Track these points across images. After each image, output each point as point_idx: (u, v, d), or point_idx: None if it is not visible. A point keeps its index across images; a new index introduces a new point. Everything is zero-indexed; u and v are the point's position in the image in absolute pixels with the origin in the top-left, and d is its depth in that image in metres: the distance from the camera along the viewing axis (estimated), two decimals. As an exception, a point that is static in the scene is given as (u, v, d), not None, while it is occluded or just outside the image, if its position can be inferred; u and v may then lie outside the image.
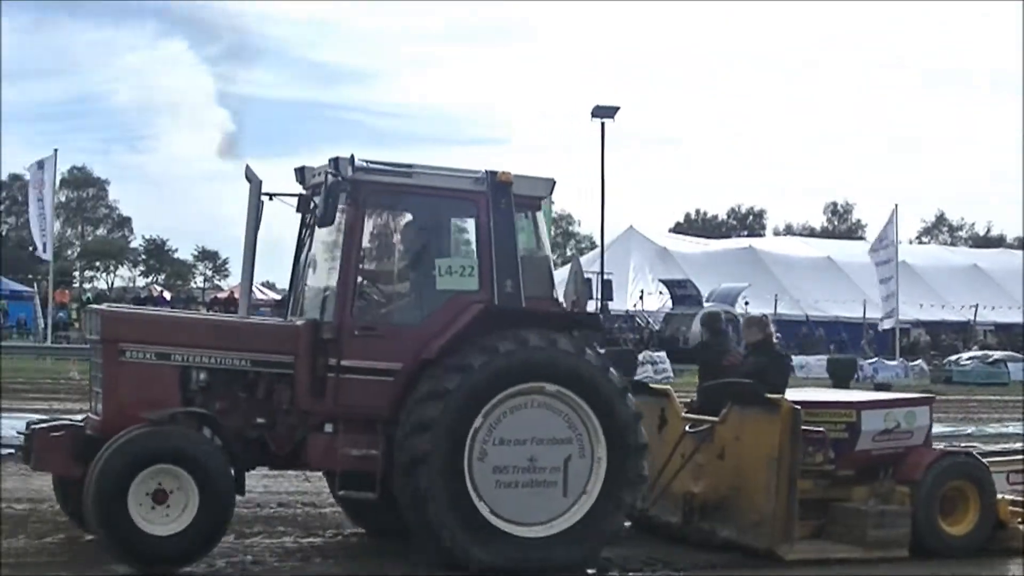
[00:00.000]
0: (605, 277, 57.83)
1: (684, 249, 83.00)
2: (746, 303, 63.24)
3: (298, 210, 12.77)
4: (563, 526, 11.83)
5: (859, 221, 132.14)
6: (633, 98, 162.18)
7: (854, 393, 15.74)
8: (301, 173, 12.64)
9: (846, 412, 13.65)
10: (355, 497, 12.27)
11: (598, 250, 67.92)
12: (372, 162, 12.03)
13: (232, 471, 11.33)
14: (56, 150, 48.16)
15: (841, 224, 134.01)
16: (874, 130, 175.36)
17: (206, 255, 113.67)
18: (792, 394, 14.02)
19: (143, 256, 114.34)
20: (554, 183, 12.68)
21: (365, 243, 12.17)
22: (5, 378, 30.30)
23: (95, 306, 13.06)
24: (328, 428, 11.83)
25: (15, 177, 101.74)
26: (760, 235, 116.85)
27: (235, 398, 11.94)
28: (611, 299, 59.62)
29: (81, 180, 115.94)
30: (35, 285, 64.57)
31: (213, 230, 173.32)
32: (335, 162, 11.81)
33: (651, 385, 15.18)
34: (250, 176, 12.40)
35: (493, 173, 12.17)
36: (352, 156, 11.85)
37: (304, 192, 12.68)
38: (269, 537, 13.18)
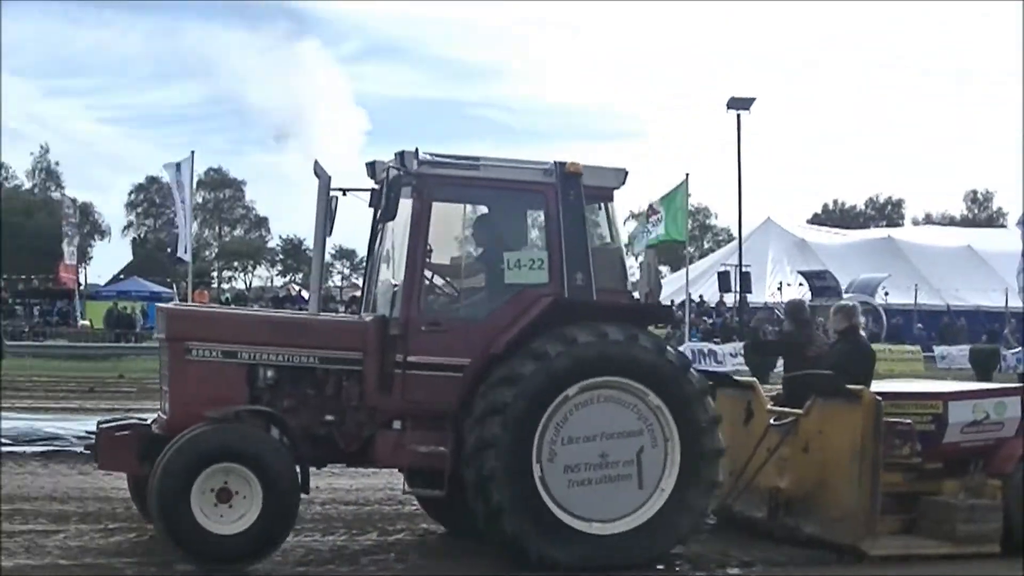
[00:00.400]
0: (743, 270, 57.36)
1: (822, 240, 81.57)
2: (886, 293, 62.31)
3: (370, 205, 12.72)
4: (639, 521, 11.64)
5: (1000, 209, 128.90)
6: (769, 89, 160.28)
7: (942, 383, 15.24)
8: (372, 168, 12.56)
9: (932, 403, 13.21)
10: (423, 495, 12.18)
11: (735, 243, 67.58)
12: (438, 155, 11.94)
13: (296, 469, 11.29)
14: (193, 152, 48.60)
15: (981, 212, 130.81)
16: (1014, 117, 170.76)
17: (343, 253, 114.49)
18: (878, 385, 13.65)
19: (280, 256, 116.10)
20: (626, 173, 12.42)
21: (432, 237, 12.04)
22: (146, 378, 30.63)
23: (162, 305, 13.16)
24: (396, 425, 11.76)
25: (152, 180, 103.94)
26: (899, 225, 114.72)
27: (303, 395, 11.88)
28: (750, 291, 59.28)
29: (218, 181, 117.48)
30: (174, 287, 65.70)
31: (350, 229, 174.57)
32: (400, 156, 11.77)
33: (736, 378, 14.83)
34: (319, 172, 12.36)
35: (562, 164, 12.00)
36: (416, 150, 11.77)
37: (375, 187, 12.60)
38: (341, 535, 13.13)
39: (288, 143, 12.60)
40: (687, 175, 43.45)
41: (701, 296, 67.14)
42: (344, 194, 12.56)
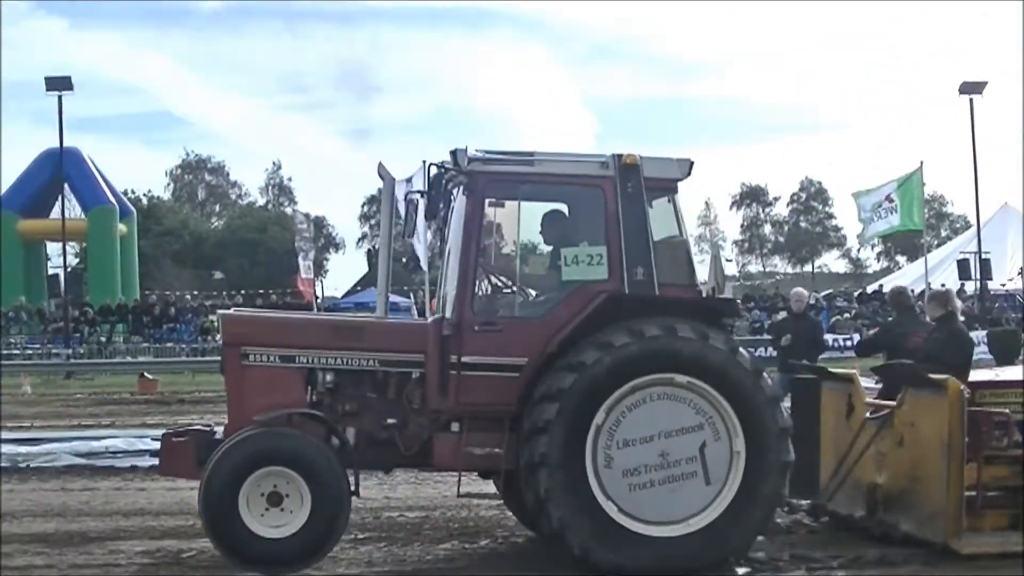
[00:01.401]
0: (983, 256, 55.45)
1: (1062, 223, 78.10)
2: None
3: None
4: (708, 520, 11.21)
5: None
6: (1002, 71, 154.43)
7: None
8: (456, 156, 12.11)
9: (1030, 390, 12.45)
10: (478, 499, 12.04)
11: (973, 230, 65.28)
12: (491, 152, 11.78)
13: (345, 474, 11.25)
14: (424, 162, 49.32)
15: None
16: None
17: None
18: (977, 374, 12.95)
19: None
20: (691, 164, 11.99)
21: (488, 235, 11.92)
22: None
23: (222, 311, 13.36)
24: (455, 427, 11.60)
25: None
26: None
27: (364, 399, 11.84)
28: (990, 278, 57.60)
29: None
30: (412, 296, 66.69)
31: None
32: (454, 154, 11.66)
33: (833, 370, 14.22)
34: (383, 174, 12.31)
35: (619, 156, 11.68)
36: (466, 148, 11.64)
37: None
38: (417, 543, 13.02)
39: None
40: (921, 163, 42.20)
41: (943, 284, 64.98)
42: (444, 170, 12.05)
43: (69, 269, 62.82)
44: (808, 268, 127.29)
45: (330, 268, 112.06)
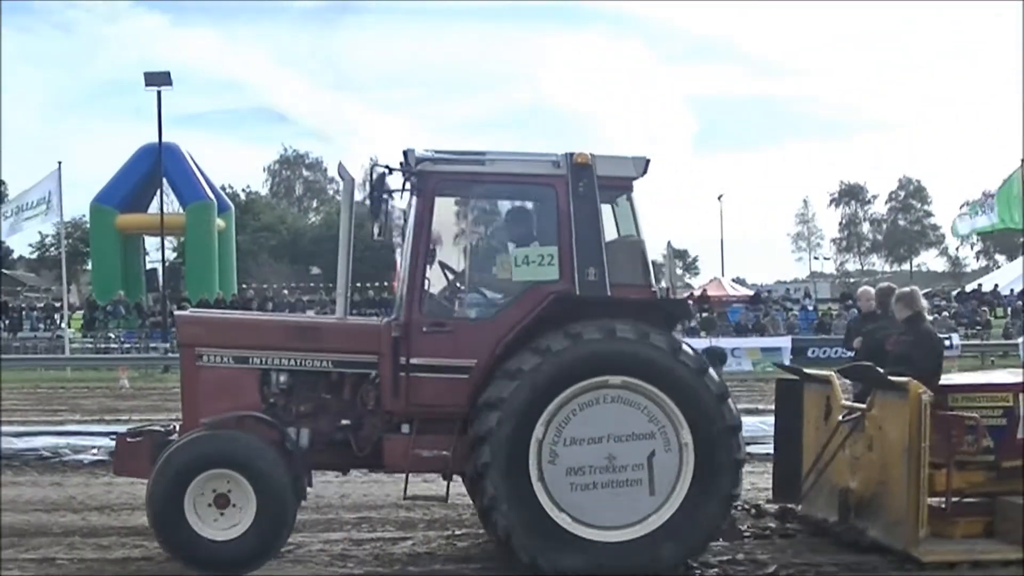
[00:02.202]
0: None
1: None
2: None
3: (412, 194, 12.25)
4: (653, 527, 11.01)
5: None
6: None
7: (1015, 373, 13.84)
8: (407, 157, 12.06)
9: (1002, 395, 12.13)
10: (423, 502, 11.97)
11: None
12: (442, 151, 11.66)
13: (290, 475, 11.19)
14: (370, 161, 49.15)
15: None
16: None
17: (676, 254, 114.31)
18: (951, 377, 12.60)
19: None
20: (647, 162, 11.77)
21: (439, 236, 11.83)
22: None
23: (178, 312, 13.39)
24: (405, 429, 11.52)
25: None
26: None
27: (318, 400, 11.80)
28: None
29: None
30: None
31: (682, 229, 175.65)
32: (405, 155, 11.58)
33: (808, 371, 13.86)
34: (343, 174, 12.27)
35: (571, 155, 11.52)
36: (414, 149, 11.56)
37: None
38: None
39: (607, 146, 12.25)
40: (1022, 162, 41.51)
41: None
42: (391, 171, 11.92)
43: (167, 264, 63.40)
44: (906, 267, 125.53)
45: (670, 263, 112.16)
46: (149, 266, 70.77)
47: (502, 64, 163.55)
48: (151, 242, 70.69)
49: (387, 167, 11.62)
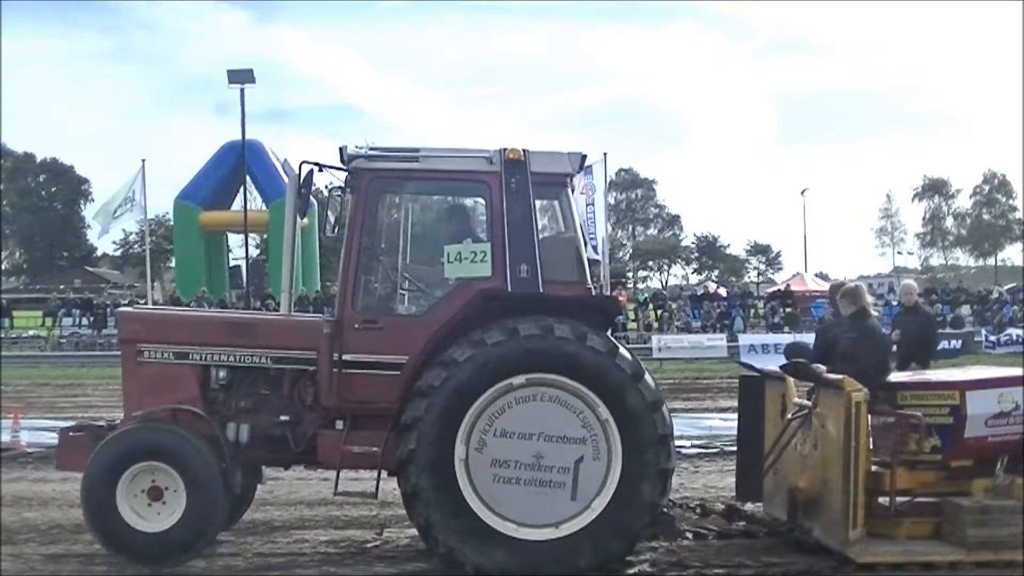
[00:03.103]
0: None
1: None
2: None
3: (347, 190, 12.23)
4: (571, 530, 10.90)
5: None
6: None
7: (968, 370, 13.44)
8: (342, 153, 12.05)
9: (948, 393, 11.78)
10: (352, 498, 11.99)
11: None
12: (376, 148, 11.64)
13: (218, 468, 11.26)
14: (605, 154, 48.95)
15: None
16: None
17: (758, 249, 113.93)
18: (899, 375, 12.34)
19: (695, 253, 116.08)
20: (583, 158, 11.75)
21: (373, 233, 11.79)
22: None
23: (121, 308, 13.48)
24: (339, 425, 11.52)
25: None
26: None
27: (257, 395, 11.85)
28: None
29: (628, 182, 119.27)
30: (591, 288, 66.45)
31: (763, 224, 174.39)
32: (340, 151, 11.60)
33: (763, 369, 13.60)
34: (287, 171, 12.24)
35: (504, 151, 11.47)
36: (347, 145, 11.57)
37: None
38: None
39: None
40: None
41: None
42: (321, 169, 11.94)
43: (250, 260, 64.23)
44: (991, 261, 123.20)
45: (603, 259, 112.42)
46: (232, 263, 71.56)
47: (587, 60, 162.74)
48: (234, 239, 71.42)
49: (317, 164, 11.60)
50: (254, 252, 73.58)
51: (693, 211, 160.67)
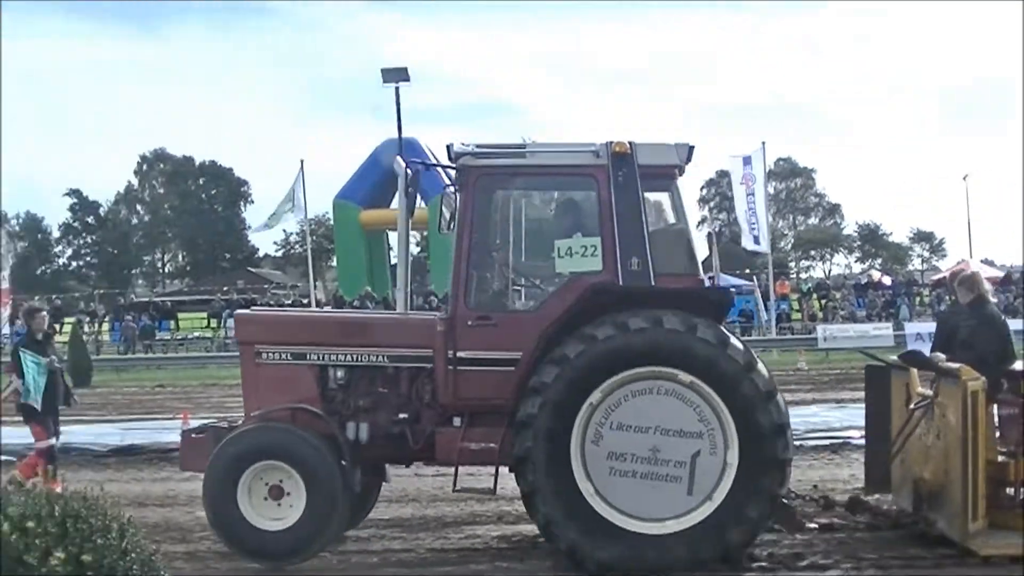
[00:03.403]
0: None
1: None
2: None
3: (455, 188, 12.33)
4: (690, 523, 10.83)
5: None
6: None
7: None
8: (449, 151, 12.14)
9: (1079, 381, 11.39)
10: (472, 495, 12.12)
11: None
12: (483, 145, 11.70)
13: (340, 467, 11.43)
14: (764, 143, 48.61)
15: None
16: None
17: (921, 236, 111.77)
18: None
19: (857, 242, 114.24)
20: (691, 149, 11.64)
21: (483, 229, 11.87)
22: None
23: (238, 311, 13.69)
24: (456, 422, 11.60)
25: (723, 173, 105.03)
26: None
27: (376, 394, 11.96)
28: None
29: (788, 171, 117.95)
30: (755, 278, 66.10)
31: (926, 211, 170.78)
32: (448, 148, 11.69)
33: (884, 358, 13.31)
34: (398, 170, 12.15)
35: (611, 144, 11.43)
36: (453, 143, 11.65)
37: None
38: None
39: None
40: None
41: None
42: (427, 168, 12.35)
43: (412, 258, 64.69)
44: None
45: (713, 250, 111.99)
46: (393, 260, 72.08)
47: (738, 52, 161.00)
48: (395, 237, 71.76)
49: (423, 163, 11.68)
50: (415, 249, 74.03)
51: (853, 199, 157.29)
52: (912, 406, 12.14)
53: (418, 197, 12.26)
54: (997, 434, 11.83)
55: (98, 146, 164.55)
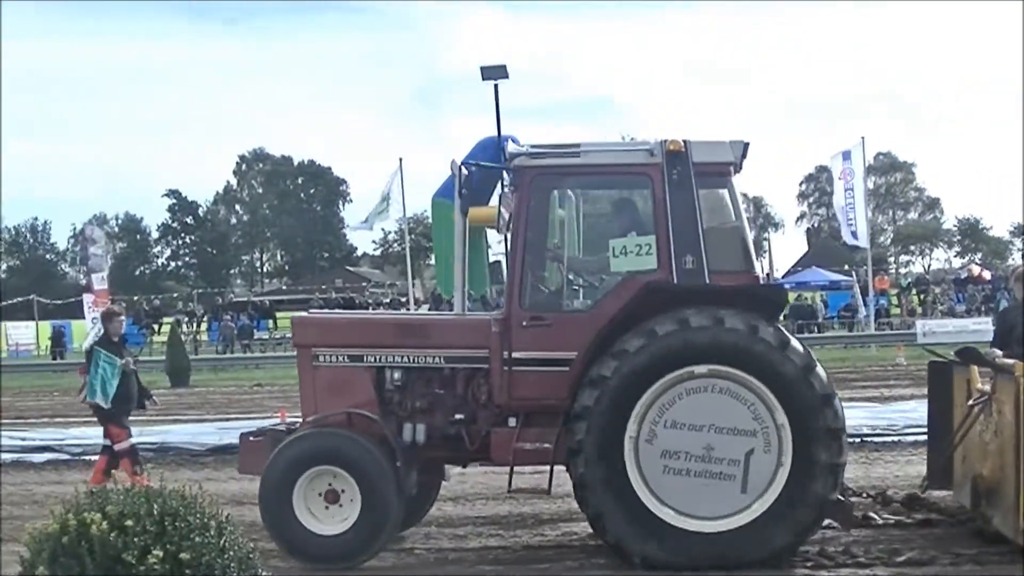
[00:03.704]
0: None
1: None
2: None
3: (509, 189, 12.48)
4: (741, 523, 10.88)
5: None
6: None
7: None
8: (503, 151, 12.30)
9: None
10: (529, 495, 12.28)
11: None
12: (537, 145, 11.81)
13: (394, 471, 11.53)
14: (863, 138, 48.22)
15: None
16: None
17: (1022, 231, 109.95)
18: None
19: (957, 236, 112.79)
20: (746, 146, 11.70)
21: (538, 230, 11.93)
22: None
23: (295, 314, 13.79)
24: (511, 422, 11.70)
25: (822, 169, 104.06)
26: None
27: (432, 395, 12.09)
28: None
29: (887, 166, 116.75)
30: (853, 274, 65.57)
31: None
32: (502, 149, 11.84)
33: (944, 355, 13.22)
34: (453, 169, 12.27)
35: (664, 143, 11.49)
36: (508, 141, 11.87)
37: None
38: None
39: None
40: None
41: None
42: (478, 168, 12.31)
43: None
44: None
45: (769, 248, 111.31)
46: (492, 259, 72.13)
47: (838, 46, 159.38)
48: (494, 234, 71.84)
49: (476, 163, 11.89)
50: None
51: (954, 193, 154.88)
52: (971, 402, 12.07)
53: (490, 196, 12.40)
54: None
55: (197, 146, 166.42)
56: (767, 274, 14.00)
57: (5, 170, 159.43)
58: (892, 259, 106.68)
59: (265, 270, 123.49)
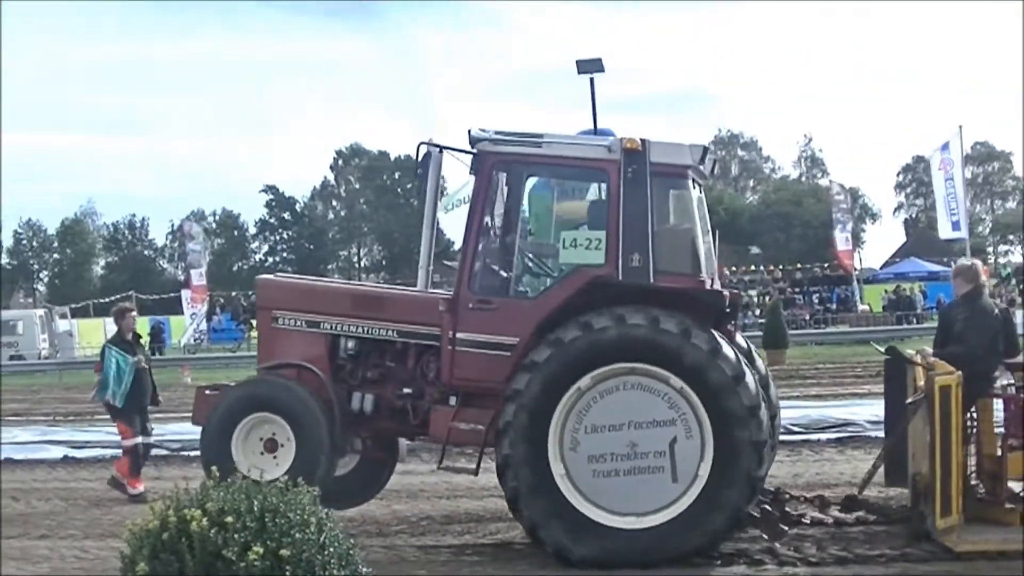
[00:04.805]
0: None
1: None
2: None
3: (470, 172, 12.38)
4: (676, 513, 11.05)
5: None
6: None
7: None
8: (470, 136, 12.26)
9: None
10: (455, 472, 12.54)
11: None
12: (501, 132, 12.00)
13: (329, 427, 11.93)
14: (960, 127, 47.71)
15: None
16: None
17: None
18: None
19: None
20: (705, 150, 11.87)
21: (492, 215, 12.21)
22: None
23: (261, 276, 14.16)
24: (452, 401, 12.00)
25: (919, 159, 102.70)
26: None
27: (383, 367, 12.48)
28: None
29: (985, 155, 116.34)
30: (952, 265, 64.52)
31: None
32: (468, 133, 12.00)
33: (897, 350, 13.23)
34: (429, 150, 12.45)
35: (623, 140, 11.66)
36: (472, 128, 11.97)
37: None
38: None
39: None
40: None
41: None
42: (441, 151, 12.40)
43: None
44: None
45: (867, 239, 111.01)
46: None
47: (931, 39, 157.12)
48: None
49: (438, 146, 12.13)
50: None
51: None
52: (908, 400, 12.14)
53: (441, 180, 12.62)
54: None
55: (294, 142, 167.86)
56: (713, 278, 13.77)
57: (107, 166, 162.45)
58: (991, 249, 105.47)
59: (362, 265, 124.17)
